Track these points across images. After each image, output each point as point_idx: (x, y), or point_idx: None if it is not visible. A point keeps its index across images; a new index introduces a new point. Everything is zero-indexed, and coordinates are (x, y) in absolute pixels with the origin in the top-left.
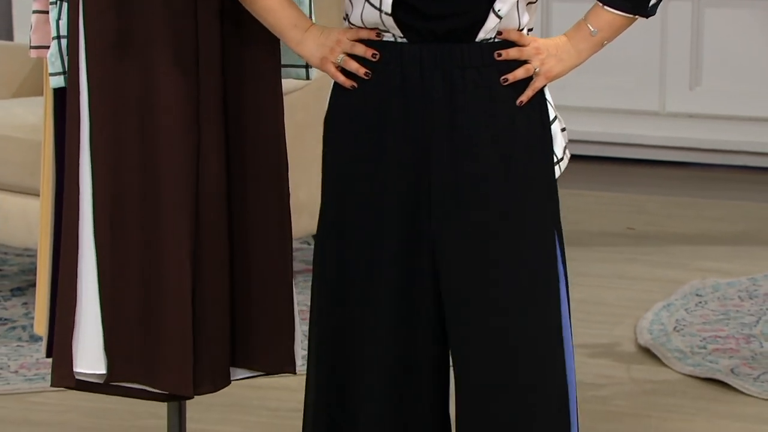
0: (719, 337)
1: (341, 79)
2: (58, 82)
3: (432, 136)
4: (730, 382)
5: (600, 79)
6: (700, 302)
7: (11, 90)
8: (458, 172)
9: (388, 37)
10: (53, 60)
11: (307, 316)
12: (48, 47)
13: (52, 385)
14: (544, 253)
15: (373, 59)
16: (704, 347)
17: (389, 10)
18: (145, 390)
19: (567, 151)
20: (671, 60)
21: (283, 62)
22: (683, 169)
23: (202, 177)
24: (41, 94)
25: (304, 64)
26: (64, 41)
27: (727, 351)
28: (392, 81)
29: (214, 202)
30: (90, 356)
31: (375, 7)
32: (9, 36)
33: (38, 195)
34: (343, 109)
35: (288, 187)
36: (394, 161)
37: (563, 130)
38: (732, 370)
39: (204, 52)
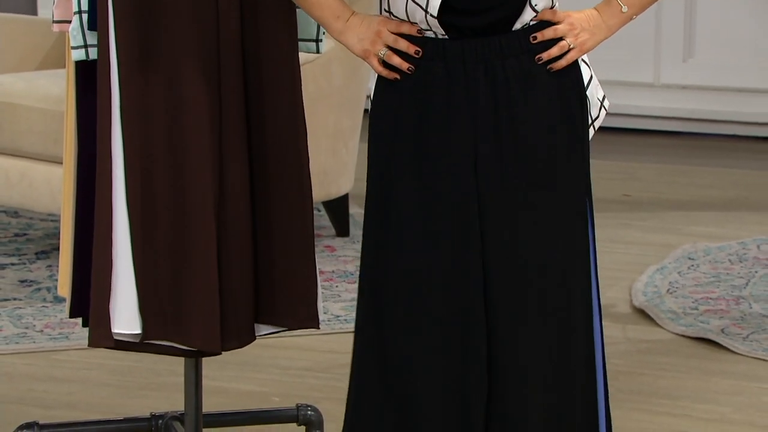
0: (710, 298)
1: (384, 72)
2: (80, 55)
3: (477, 127)
4: (720, 342)
5: (596, 52)
6: (692, 265)
7: (35, 62)
8: (502, 158)
9: (429, 34)
10: (75, 34)
11: (324, 277)
12: (70, 21)
13: (90, 345)
14: (579, 223)
15: (416, 56)
16: (696, 308)
17: (435, 13)
18: (177, 347)
19: (604, 105)
20: (665, 33)
21: None
22: (676, 138)
23: (224, 144)
24: (64, 66)
25: (315, 38)
26: (85, 16)
27: (718, 312)
28: (436, 77)
29: (237, 167)
30: (126, 317)
31: (420, 7)
32: (33, 11)
33: (61, 163)
34: (387, 105)
35: (307, 153)
36: (442, 153)
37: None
38: (722, 330)
39: (224, 29)
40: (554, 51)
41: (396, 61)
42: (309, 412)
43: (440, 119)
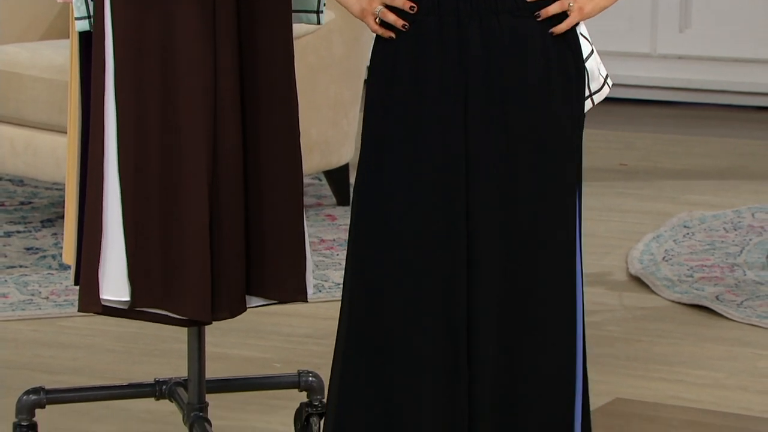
0: (705, 266)
1: (380, 31)
2: (83, 25)
3: (468, 81)
4: (715, 308)
5: (594, 23)
6: (688, 233)
7: (39, 33)
8: (492, 117)
9: None
10: (78, 5)
11: (318, 248)
12: None
13: (79, 311)
14: (566, 184)
15: (411, 11)
16: (691, 276)
17: None
18: (168, 316)
19: (608, 82)
20: (662, 4)
21: (294, 7)
22: (673, 108)
23: (218, 115)
24: (68, 36)
25: (315, 9)
26: None
27: (713, 279)
28: (429, 31)
29: (230, 139)
30: (115, 284)
31: None
32: None
33: (65, 132)
34: (383, 66)
35: (298, 125)
36: (433, 110)
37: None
38: (717, 297)
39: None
40: (553, 8)
41: (391, 18)
42: (310, 378)
43: (433, 73)
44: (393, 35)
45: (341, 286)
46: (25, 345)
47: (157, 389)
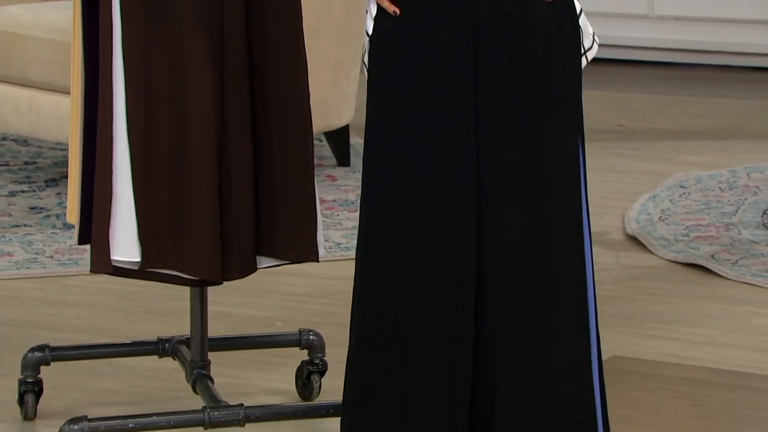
0: (701, 225)
1: (385, 3)
2: None
3: (479, 40)
4: (710, 267)
5: None
6: (684, 193)
7: None
8: (501, 65)
9: None
10: None
11: (326, 206)
12: None
13: (91, 271)
14: (572, 139)
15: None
16: (687, 235)
17: None
18: (178, 276)
19: (596, 39)
20: None
21: None
22: (670, 69)
23: (226, 75)
24: None
25: None
26: None
27: (708, 238)
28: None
29: (238, 98)
30: (125, 245)
31: None
32: None
33: (69, 93)
34: (389, 28)
35: (308, 86)
36: (441, 70)
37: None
38: (712, 256)
39: None
40: None
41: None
42: (311, 337)
43: (444, 34)
44: (398, 11)
45: (342, 246)
46: (30, 303)
47: (160, 347)
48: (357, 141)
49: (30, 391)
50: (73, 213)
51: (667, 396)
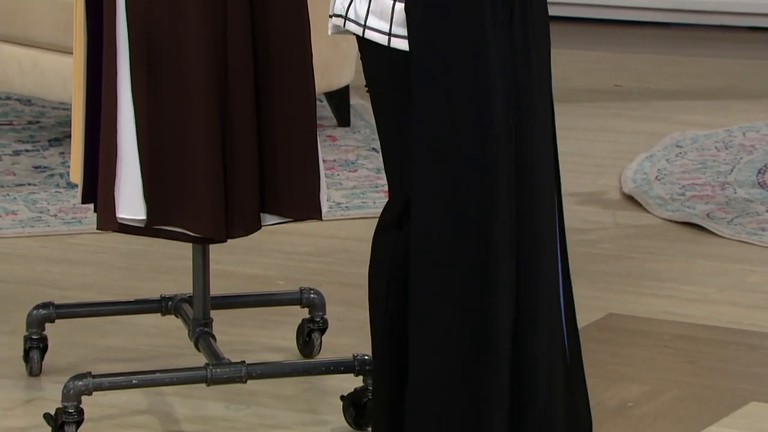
0: (697, 184)
1: None
2: None
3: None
4: (706, 226)
5: None
6: (680, 153)
7: None
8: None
9: None
10: None
11: (326, 166)
12: None
13: (98, 229)
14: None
15: None
16: (683, 194)
17: None
18: (184, 233)
19: None
20: None
21: None
22: (667, 29)
23: (229, 32)
24: None
25: None
26: None
27: (704, 197)
28: None
29: (240, 56)
30: (131, 203)
31: None
32: None
33: (71, 53)
34: None
35: (310, 45)
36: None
37: None
38: (708, 215)
39: None
40: None
41: None
42: (312, 295)
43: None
44: None
45: (342, 205)
46: (35, 261)
47: (163, 305)
48: (357, 101)
49: (35, 347)
50: (76, 172)
51: (663, 352)
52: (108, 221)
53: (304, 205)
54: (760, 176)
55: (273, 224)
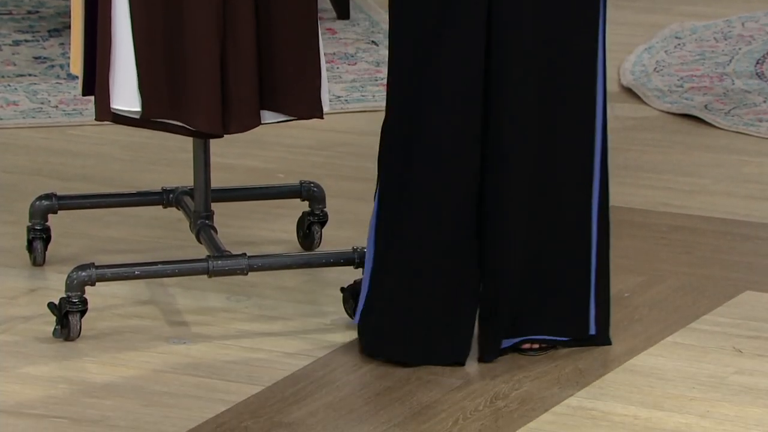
0: (695, 76)
1: None
2: None
3: None
4: (703, 117)
5: None
6: (679, 44)
7: None
8: None
9: None
10: None
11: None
12: None
13: (96, 119)
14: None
15: None
16: (681, 86)
17: None
18: (182, 126)
19: None
20: None
21: None
22: None
23: None
24: None
25: None
26: None
27: (702, 89)
28: None
29: None
30: (126, 95)
31: None
32: None
33: None
34: None
35: None
36: None
37: None
38: (705, 106)
39: None
40: None
41: None
42: (312, 188)
43: None
44: None
45: (342, 98)
46: (36, 152)
47: (164, 197)
48: None
49: (38, 238)
50: (76, 64)
51: (659, 243)
52: (103, 112)
53: (305, 102)
54: (759, 67)
55: (273, 122)
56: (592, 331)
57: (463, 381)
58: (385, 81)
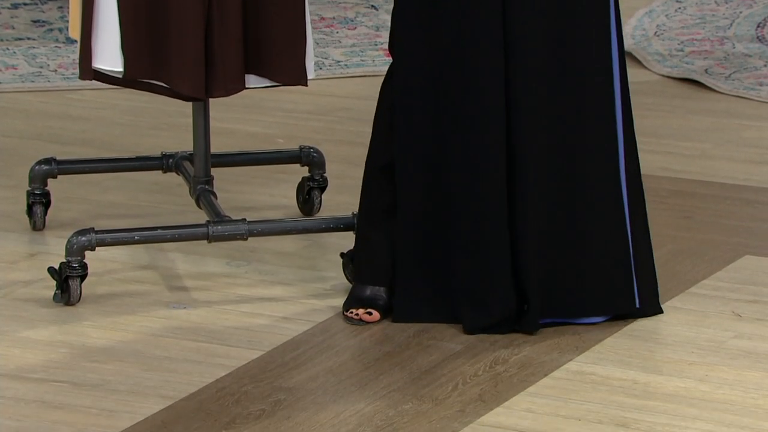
0: (695, 40)
1: None
2: None
3: None
4: (704, 81)
5: None
6: (680, 8)
7: None
8: None
9: None
10: None
11: (318, 26)
12: None
13: (79, 78)
14: None
15: None
16: (681, 50)
17: None
18: (167, 88)
19: None
20: None
21: None
22: None
23: None
24: None
25: None
26: None
27: (702, 53)
28: None
29: None
30: (107, 54)
31: None
32: None
33: None
34: None
35: None
36: None
37: None
38: (706, 70)
39: None
40: None
41: None
42: (312, 153)
43: None
44: None
45: (341, 63)
46: (36, 116)
47: (164, 162)
48: None
49: (38, 202)
50: (75, 28)
51: (659, 208)
52: (85, 71)
53: (290, 69)
54: (759, 30)
55: (259, 87)
56: (637, 304)
57: (463, 346)
58: (385, 46)
